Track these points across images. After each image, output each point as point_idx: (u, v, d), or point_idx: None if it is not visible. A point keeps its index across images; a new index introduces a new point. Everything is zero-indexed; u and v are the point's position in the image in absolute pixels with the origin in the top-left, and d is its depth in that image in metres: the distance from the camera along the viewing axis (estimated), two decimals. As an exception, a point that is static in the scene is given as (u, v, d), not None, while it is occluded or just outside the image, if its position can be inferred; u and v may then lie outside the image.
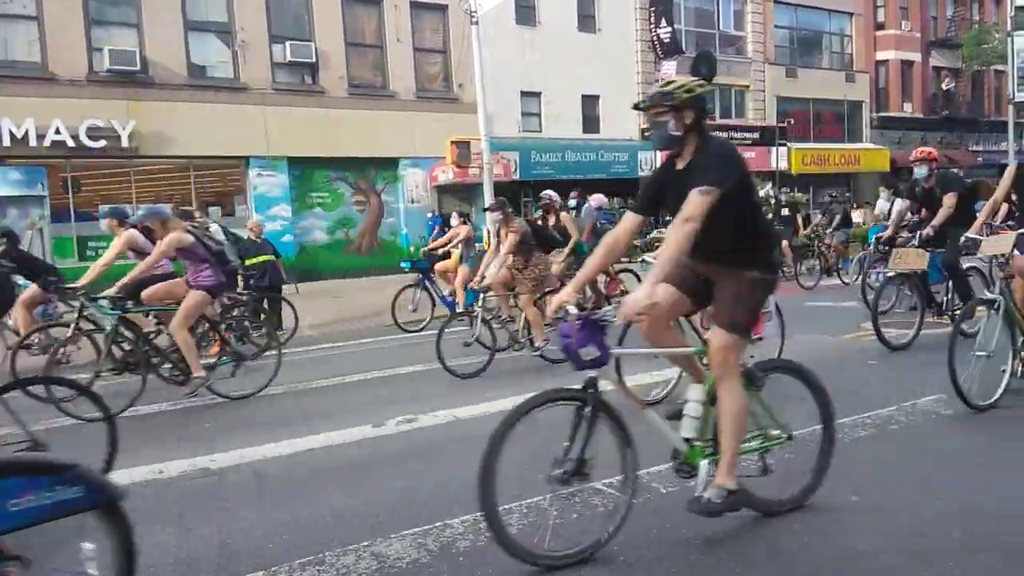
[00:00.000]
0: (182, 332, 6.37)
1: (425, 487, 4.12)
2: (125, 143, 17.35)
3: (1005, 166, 9.33)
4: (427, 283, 11.05)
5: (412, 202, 21.70)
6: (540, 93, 23.34)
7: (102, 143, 17.10)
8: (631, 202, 16.30)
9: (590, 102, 24.42)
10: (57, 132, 16.56)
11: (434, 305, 11.04)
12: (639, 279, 9.78)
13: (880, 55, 31.44)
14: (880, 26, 31.44)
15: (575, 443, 3.09)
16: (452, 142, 15.44)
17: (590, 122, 24.43)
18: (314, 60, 19.72)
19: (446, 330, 7.30)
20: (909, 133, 31.88)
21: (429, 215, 20.79)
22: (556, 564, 3.04)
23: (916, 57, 32.21)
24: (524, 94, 23.01)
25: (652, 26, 25.02)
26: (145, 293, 6.66)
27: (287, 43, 19.31)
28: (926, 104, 32.69)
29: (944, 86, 33.25)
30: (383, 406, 5.99)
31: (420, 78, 21.55)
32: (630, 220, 3.50)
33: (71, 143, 16.74)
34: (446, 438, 5.14)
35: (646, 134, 25.15)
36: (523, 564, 3.10)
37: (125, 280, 6.54)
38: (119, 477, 4.49)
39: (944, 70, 33.37)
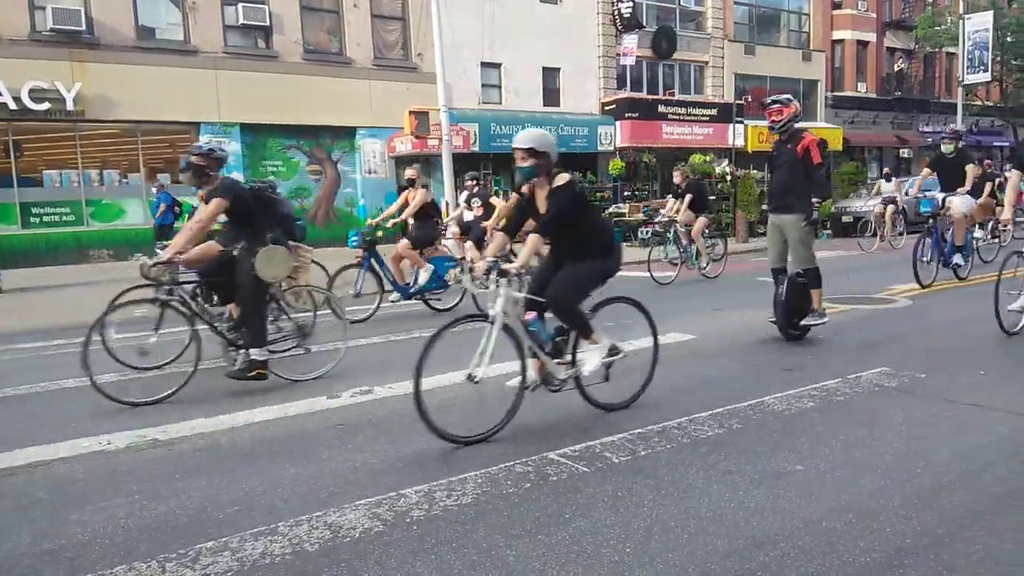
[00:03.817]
0: None
1: (379, 457, 4.13)
2: (70, 106, 16.78)
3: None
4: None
5: (370, 172, 21.43)
6: (500, 64, 23.14)
7: (46, 105, 16.51)
8: (590, 176, 16.19)
9: (551, 75, 24.31)
10: (-2, 93, 15.94)
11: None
12: None
13: (836, 34, 31.85)
14: (837, 5, 31.82)
15: None
16: (411, 112, 15.27)
17: (550, 95, 24.33)
18: (268, 23, 19.23)
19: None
20: (862, 112, 32.48)
21: (155, 190, 16.46)
22: None
23: (871, 37, 32.70)
24: (484, 65, 22.78)
25: (613, -1, 24.93)
26: None
27: (240, 5, 18.78)
28: (879, 84, 33.27)
29: (897, 67, 33.87)
30: (337, 377, 5.96)
31: (378, 46, 21.18)
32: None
33: (13, 105, 16.13)
34: (400, 410, 5.14)
35: (606, 108, 25.18)
36: (475, 530, 3.13)
37: None
38: (63, 450, 4.40)
39: (898, 51, 33.96)
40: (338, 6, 20.49)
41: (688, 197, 12.06)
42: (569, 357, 4.73)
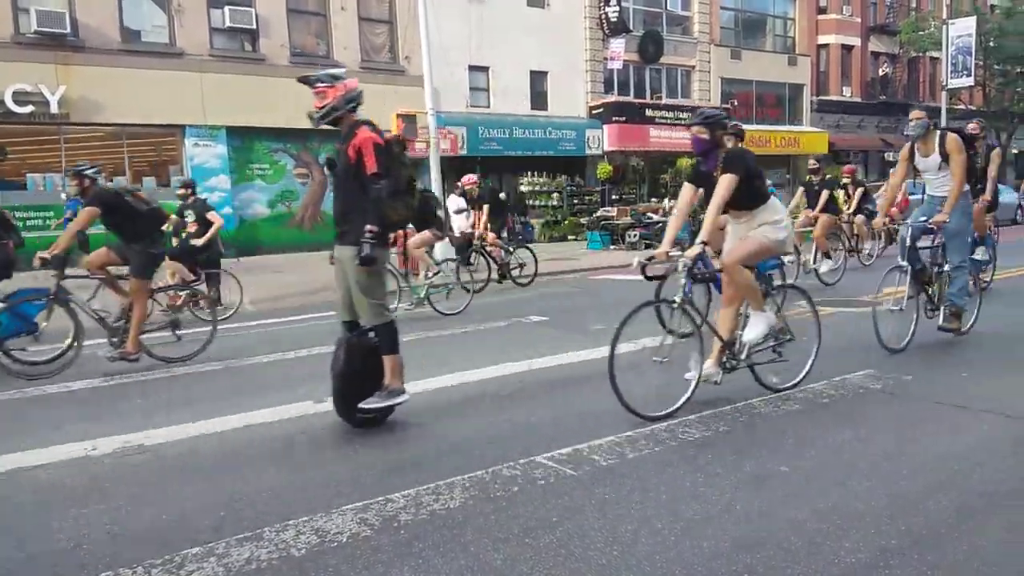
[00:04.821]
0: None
1: (366, 462, 4.11)
2: (54, 109, 16.63)
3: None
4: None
5: (357, 176, 21.37)
6: (488, 68, 23.15)
7: (29, 108, 16.36)
8: (578, 179, 16.20)
9: (538, 78, 24.34)
10: (-20, 96, 15.80)
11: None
12: None
13: (822, 39, 32.08)
14: (822, 10, 32.05)
15: None
16: (398, 115, 15.22)
17: (538, 98, 24.35)
18: (254, 26, 19.16)
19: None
20: (847, 117, 32.72)
21: (64, 196, 15.86)
22: None
23: (856, 42, 32.95)
24: (472, 68, 22.78)
25: (600, 3, 25.00)
26: None
27: (226, 8, 18.70)
28: (864, 88, 33.53)
29: (881, 71, 34.15)
30: (324, 382, 5.92)
31: (365, 48, 21.15)
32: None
33: (-4, 107, 15.98)
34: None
35: (594, 112, 25.24)
36: (463, 534, 3.12)
37: None
38: (47, 456, 4.36)
39: (882, 55, 34.25)
40: (325, 9, 20.44)
41: (487, 207, 10.13)
42: None
